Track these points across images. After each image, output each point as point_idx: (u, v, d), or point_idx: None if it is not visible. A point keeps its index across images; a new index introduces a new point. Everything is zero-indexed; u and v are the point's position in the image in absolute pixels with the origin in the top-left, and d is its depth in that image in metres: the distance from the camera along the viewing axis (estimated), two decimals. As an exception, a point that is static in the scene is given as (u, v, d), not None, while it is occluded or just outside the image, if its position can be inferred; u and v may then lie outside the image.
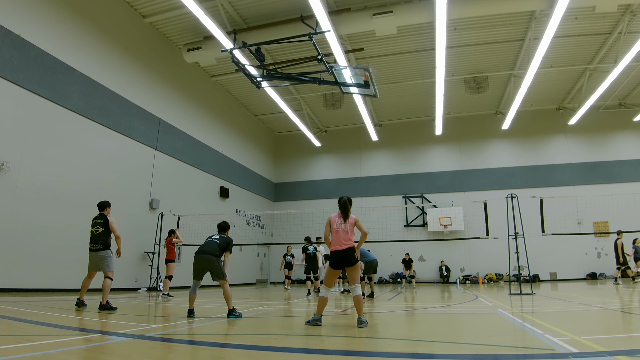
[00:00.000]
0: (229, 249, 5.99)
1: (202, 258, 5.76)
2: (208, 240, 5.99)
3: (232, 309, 5.77)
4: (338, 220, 5.02)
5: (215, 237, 6.03)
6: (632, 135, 19.41)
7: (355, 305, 4.81)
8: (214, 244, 5.89)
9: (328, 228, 5.08)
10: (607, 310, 6.34)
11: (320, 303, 4.87)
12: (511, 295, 9.87)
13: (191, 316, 5.67)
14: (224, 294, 5.80)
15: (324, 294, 4.94)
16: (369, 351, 3.57)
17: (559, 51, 14.94)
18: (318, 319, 4.78)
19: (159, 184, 13.58)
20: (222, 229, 6.30)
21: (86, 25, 11.16)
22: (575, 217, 18.08)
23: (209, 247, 5.83)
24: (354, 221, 5.02)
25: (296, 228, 17.82)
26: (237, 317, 5.67)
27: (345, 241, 4.89)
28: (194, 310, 5.83)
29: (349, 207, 5.04)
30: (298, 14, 12.28)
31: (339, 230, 4.95)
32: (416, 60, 15.94)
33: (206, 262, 5.73)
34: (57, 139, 10.07)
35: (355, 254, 4.88)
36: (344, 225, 4.96)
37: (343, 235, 4.91)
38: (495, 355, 3.19)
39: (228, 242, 6.01)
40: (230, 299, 5.81)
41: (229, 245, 5.99)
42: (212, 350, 3.54)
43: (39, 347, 3.29)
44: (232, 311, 5.74)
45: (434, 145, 21.51)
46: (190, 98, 15.92)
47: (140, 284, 12.55)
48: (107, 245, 6.70)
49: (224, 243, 5.96)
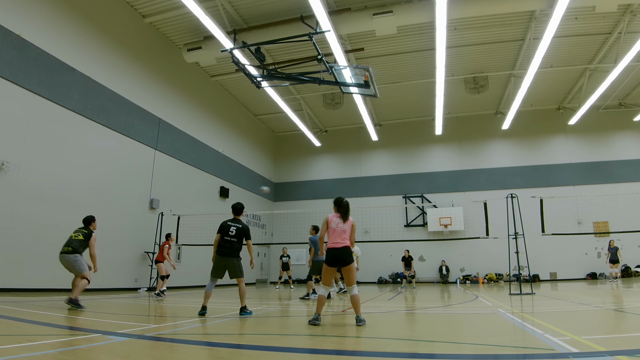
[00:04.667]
0: (248, 236, 6.18)
1: (224, 259, 6.00)
2: (226, 240, 6.04)
3: (244, 306, 5.96)
4: (336, 220, 5.09)
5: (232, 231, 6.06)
6: (632, 135, 19.41)
7: (352, 304, 4.88)
8: (233, 243, 6.05)
9: (325, 227, 5.13)
10: (607, 310, 6.34)
11: (319, 302, 4.90)
12: (511, 295, 9.87)
13: (203, 313, 5.76)
14: (240, 291, 6.06)
15: (322, 292, 4.97)
16: (369, 351, 3.57)
17: (559, 51, 14.93)
18: (316, 318, 4.79)
19: (159, 184, 13.58)
20: (238, 212, 6.35)
21: (86, 25, 11.16)
22: (575, 217, 18.08)
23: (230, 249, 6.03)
24: (351, 223, 5.10)
25: (296, 228, 17.83)
26: (248, 314, 5.86)
27: (341, 240, 4.98)
28: (206, 307, 5.91)
29: (348, 208, 5.14)
30: (298, 14, 12.28)
31: (337, 230, 5.03)
32: (416, 60, 15.94)
33: (227, 262, 5.99)
34: (57, 139, 10.07)
35: (351, 255, 4.98)
36: (342, 225, 5.04)
37: (340, 234, 5.00)
38: (495, 355, 3.18)
39: (245, 230, 6.16)
40: (245, 297, 6.03)
41: (246, 233, 6.16)
42: (213, 350, 3.54)
43: (39, 347, 3.29)
44: (244, 309, 5.93)
45: (434, 145, 21.51)
46: (190, 98, 15.92)
47: (141, 284, 12.54)
48: (77, 251, 6.77)
49: (242, 233, 6.13)
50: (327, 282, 5.05)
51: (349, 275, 4.94)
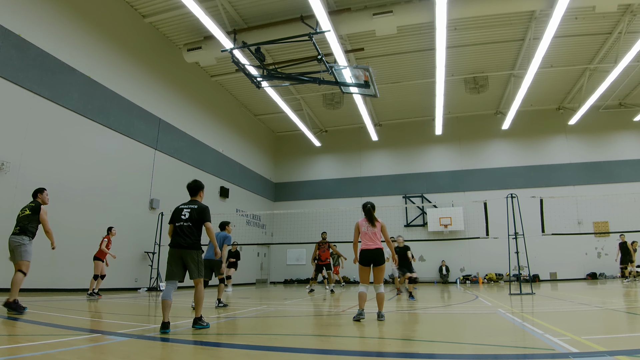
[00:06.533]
0: (207, 217, 4.71)
1: (179, 252, 4.57)
2: (179, 227, 4.61)
3: (200, 317, 4.64)
4: (365, 224, 5.51)
5: (184, 214, 4.66)
6: (632, 135, 19.40)
7: (377, 301, 5.36)
8: (189, 228, 4.61)
9: (357, 232, 5.55)
10: (607, 310, 6.33)
11: (360, 298, 5.26)
12: (511, 295, 9.87)
13: (165, 331, 4.23)
14: (196, 295, 4.67)
15: (362, 289, 5.32)
16: (369, 351, 3.57)
17: (559, 51, 14.93)
18: (360, 313, 5.18)
19: (159, 184, 13.58)
20: (193, 191, 5.05)
21: (86, 25, 11.16)
22: (575, 217, 18.08)
23: (185, 238, 4.58)
24: (380, 226, 5.50)
25: (296, 228, 17.84)
26: (204, 327, 4.54)
27: (373, 242, 5.38)
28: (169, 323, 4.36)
29: (373, 212, 5.53)
30: (298, 14, 12.28)
31: (368, 233, 5.45)
32: (416, 60, 15.94)
33: (184, 255, 4.56)
34: (57, 139, 10.07)
35: (383, 256, 5.37)
36: (371, 228, 5.46)
37: (372, 236, 5.42)
38: (495, 355, 3.19)
39: (202, 210, 4.71)
40: (202, 304, 4.71)
41: (204, 214, 4.70)
42: (212, 350, 3.54)
43: (39, 347, 3.29)
44: (200, 320, 4.60)
45: (434, 145, 21.50)
46: (190, 98, 15.92)
47: (140, 284, 12.54)
48: (25, 230, 5.67)
49: (200, 214, 4.69)
50: (364, 280, 5.38)
51: (379, 274, 5.37)
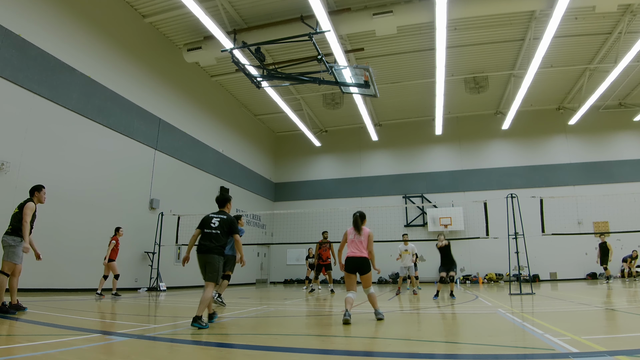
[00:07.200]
0: (236, 229, 5.10)
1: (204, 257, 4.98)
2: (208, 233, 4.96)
3: (201, 316, 4.69)
4: (352, 232, 5.58)
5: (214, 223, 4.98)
6: (632, 135, 19.39)
7: (370, 301, 5.48)
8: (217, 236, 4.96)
9: (343, 240, 5.67)
10: (607, 310, 6.34)
11: (347, 302, 5.29)
12: (511, 295, 9.87)
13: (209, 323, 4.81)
14: (204, 295, 4.83)
15: (349, 295, 5.38)
16: (369, 351, 3.57)
17: (559, 51, 14.92)
18: (345, 314, 5.17)
19: (159, 184, 13.58)
20: (222, 203, 5.25)
21: (86, 25, 11.15)
22: (575, 217, 18.07)
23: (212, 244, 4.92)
24: (367, 234, 5.52)
25: (296, 228, 17.82)
26: (203, 327, 4.54)
27: (358, 250, 5.44)
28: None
29: (359, 222, 5.56)
30: (298, 14, 12.28)
31: (355, 241, 5.52)
32: (416, 60, 15.94)
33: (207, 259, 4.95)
34: (57, 139, 10.07)
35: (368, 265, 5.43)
36: (357, 237, 5.51)
37: (358, 244, 5.48)
38: (495, 355, 3.18)
39: (231, 222, 5.04)
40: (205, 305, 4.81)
41: (233, 226, 5.04)
42: (213, 350, 3.54)
43: (39, 347, 3.29)
44: (199, 319, 4.64)
45: (434, 145, 21.50)
46: (190, 98, 15.92)
47: (141, 284, 12.54)
48: (17, 230, 5.51)
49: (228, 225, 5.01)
50: (350, 286, 5.44)
51: (366, 281, 5.45)
